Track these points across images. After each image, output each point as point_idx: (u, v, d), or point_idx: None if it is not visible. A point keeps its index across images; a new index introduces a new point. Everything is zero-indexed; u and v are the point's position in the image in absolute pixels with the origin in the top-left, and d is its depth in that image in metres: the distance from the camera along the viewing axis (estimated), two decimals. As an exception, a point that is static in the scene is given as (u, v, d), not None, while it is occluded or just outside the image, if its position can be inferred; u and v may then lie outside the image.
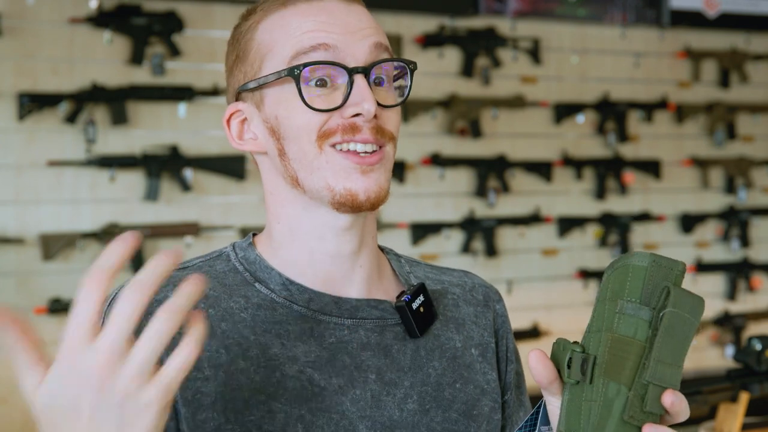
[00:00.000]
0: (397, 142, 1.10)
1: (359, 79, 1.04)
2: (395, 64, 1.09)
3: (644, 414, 0.87)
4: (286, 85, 1.07)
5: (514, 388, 1.23)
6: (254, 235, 1.18)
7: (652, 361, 0.87)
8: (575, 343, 0.91)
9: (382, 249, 1.22)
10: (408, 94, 1.10)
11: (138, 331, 0.82)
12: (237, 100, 1.13)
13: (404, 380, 1.10)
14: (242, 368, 1.04)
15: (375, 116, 1.05)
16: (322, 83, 1.05)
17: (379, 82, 1.08)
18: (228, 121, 1.15)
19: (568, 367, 0.89)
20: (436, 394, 1.12)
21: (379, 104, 1.06)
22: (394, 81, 1.11)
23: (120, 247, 0.81)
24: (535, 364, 0.91)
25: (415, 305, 1.12)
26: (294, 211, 1.11)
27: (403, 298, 1.11)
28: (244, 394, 1.03)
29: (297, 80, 1.05)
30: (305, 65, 1.04)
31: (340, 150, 1.05)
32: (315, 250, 1.11)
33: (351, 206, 1.06)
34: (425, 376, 1.12)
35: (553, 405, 0.94)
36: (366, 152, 1.05)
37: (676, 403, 0.87)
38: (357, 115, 1.05)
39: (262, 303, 1.09)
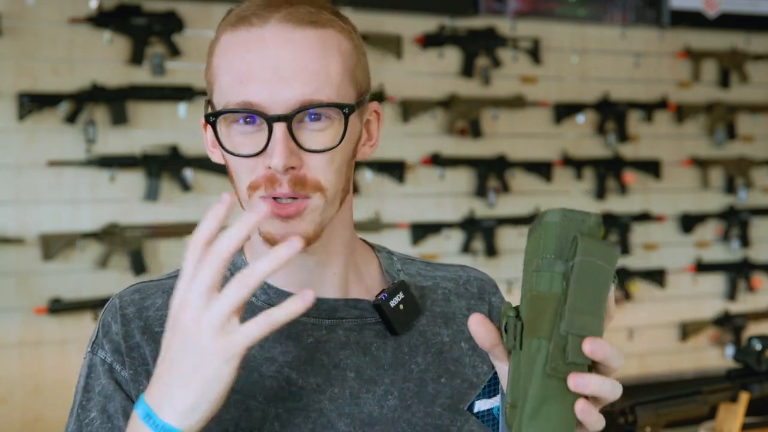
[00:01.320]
0: (333, 188, 1.06)
1: (277, 129, 1.02)
2: (330, 109, 1.04)
3: (567, 365, 0.85)
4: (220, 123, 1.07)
5: None
6: None
7: (567, 312, 0.85)
8: (515, 308, 0.90)
9: (373, 247, 1.22)
10: (341, 140, 1.04)
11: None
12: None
13: (384, 377, 1.11)
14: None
15: (293, 167, 1.03)
16: (249, 121, 1.05)
17: (315, 119, 1.04)
18: (205, 125, 1.15)
19: (505, 331, 0.89)
20: (418, 389, 1.12)
21: (305, 149, 1.03)
22: (336, 120, 1.06)
23: (217, 214, 0.95)
24: (475, 327, 0.91)
25: (393, 303, 1.13)
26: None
27: (380, 297, 1.12)
28: None
29: (214, 129, 1.07)
30: (219, 114, 1.06)
31: (264, 197, 1.05)
32: None
33: (273, 247, 1.06)
34: (407, 372, 1.13)
35: (501, 371, 0.95)
36: (287, 200, 1.04)
37: (596, 351, 0.85)
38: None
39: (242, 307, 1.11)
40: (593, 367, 0.88)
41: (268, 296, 1.12)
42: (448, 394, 1.14)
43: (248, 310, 1.10)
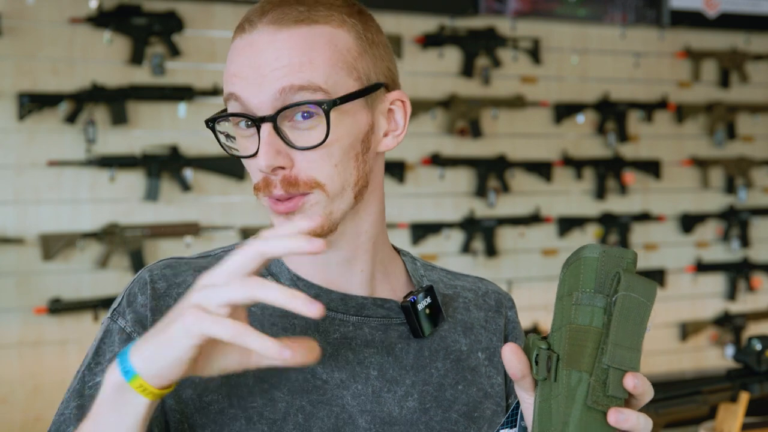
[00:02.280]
0: (335, 182, 1.06)
1: (263, 129, 1.03)
2: (308, 106, 1.03)
3: (607, 398, 0.87)
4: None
5: None
6: None
7: (609, 345, 0.87)
8: (543, 338, 0.91)
9: (398, 250, 1.23)
10: (326, 135, 1.03)
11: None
12: None
13: (406, 378, 1.12)
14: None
15: (282, 167, 1.04)
16: (245, 125, 1.07)
17: (307, 117, 1.04)
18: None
19: (536, 363, 0.90)
20: (437, 394, 1.14)
21: (294, 147, 1.03)
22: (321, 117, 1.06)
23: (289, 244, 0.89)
24: (509, 356, 0.91)
25: (420, 306, 1.14)
26: None
27: (409, 299, 1.13)
28: (248, 381, 1.06)
29: (214, 131, 1.09)
30: (215, 118, 1.08)
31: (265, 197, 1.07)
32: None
33: None
34: (427, 375, 1.14)
35: (527, 402, 0.95)
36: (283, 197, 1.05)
37: (638, 386, 0.87)
38: None
39: None
40: (627, 400, 0.90)
41: (297, 288, 1.12)
42: (464, 401, 1.16)
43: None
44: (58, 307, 3.35)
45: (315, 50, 1.04)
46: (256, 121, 1.03)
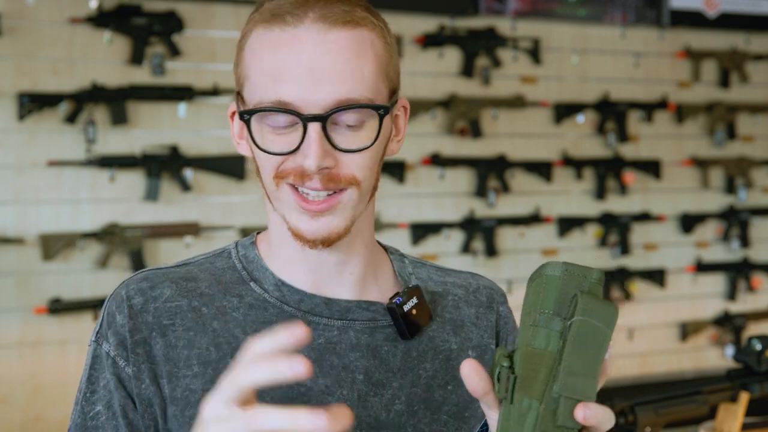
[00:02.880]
0: (367, 183, 1.07)
1: (312, 129, 1.02)
2: (366, 110, 1.04)
3: (557, 429, 0.81)
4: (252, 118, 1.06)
5: None
6: (258, 233, 1.20)
7: (561, 373, 0.82)
8: (509, 356, 0.86)
9: (386, 249, 1.22)
10: (376, 139, 1.05)
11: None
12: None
13: (393, 381, 1.11)
14: (231, 366, 1.05)
15: (327, 167, 1.03)
16: (285, 119, 1.04)
17: (350, 120, 1.04)
18: (232, 116, 1.14)
19: (498, 381, 0.85)
20: (425, 395, 1.12)
21: (340, 149, 1.03)
22: (369, 122, 1.06)
23: (284, 338, 0.78)
24: (467, 373, 0.86)
25: (406, 307, 1.12)
26: (277, 219, 1.12)
27: (394, 300, 1.12)
28: None
29: (248, 125, 1.05)
30: (254, 111, 1.03)
31: (294, 188, 1.05)
32: (301, 254, 1.12)
33: (302, 242, 1.07)
34: (415, 377, 1.12)
35: (491, 419, 0.90)
36: (318, 196, 1.04)
37: (589, 417, 0.81)
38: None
39: (255, 303, 1.11)
40: (583, 429, 0.85)
41: (281, 293, 1.12)
42: (454, 402, 1.14)
43: (261, 306, 1.10)
44: (58, 307, 3.35)
45: (363, 57, 1.04)
46: (305, 120, 1.01)
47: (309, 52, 1.02)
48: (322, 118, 1.01)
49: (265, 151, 1.05)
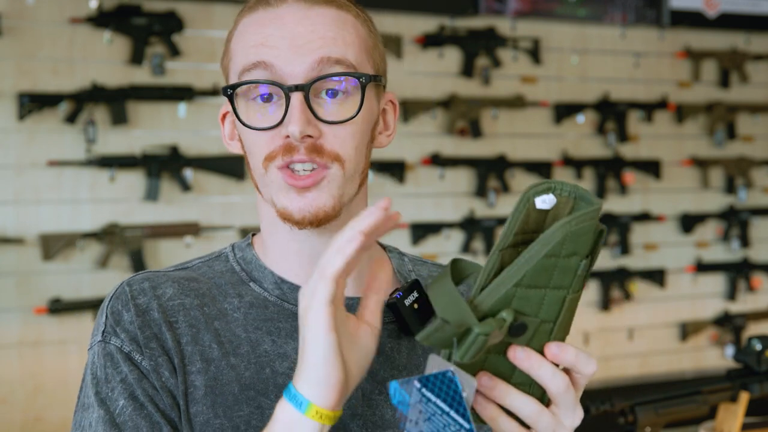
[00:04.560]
0: (352, 163, 1.07)
1: (294, 98, 1.03)
2: (346, 77, 1.05)
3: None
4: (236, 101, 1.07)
5: None
6: (254, 234, 1.19)
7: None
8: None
9: (385, 247, 1.22)
10: (359, 109, 1.06)
11: None
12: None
13: (398, 379, 1.09)
14: (233, 364, 1.05)
15: (310, 136, 1.04)
16: (267, 98, 1.05)
17: (333, 95, 1.05)
18: (223, 118, 1.16)
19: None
20: None
21: (322, 120, 1.04)
22: (354, 94, 1.07)
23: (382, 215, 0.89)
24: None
25: (407, 302, 1.11)
26: (268, 213, 1.12)
27: (394, 295, 1.11)
28: (233, 390, 1.04)
29: (231, 100, 1.06)
30: (236, 86, 1.05)
31: (280, 168, 1.05)
32: (295, 250, 1.12)
33: (291, 222, 1.07)
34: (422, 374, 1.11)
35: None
36: (305, 170, 1.05)
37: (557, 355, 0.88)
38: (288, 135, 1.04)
39: (255, 301, 1.10)
40: (569, 373, 0.90)
41: (281, 291, 1.11)
42: None
43: (261, 305, 1.10)
44: (58, 307, 3.35)
45: (345, 30, 1.07)
46: (287, 90, 1.03)
47: (291, 24, 1.05)
48: (304, 87, 1.03)
49: (250, 127, 1.06)
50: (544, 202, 0.86)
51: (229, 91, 1.06)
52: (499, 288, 0.85)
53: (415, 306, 1.12)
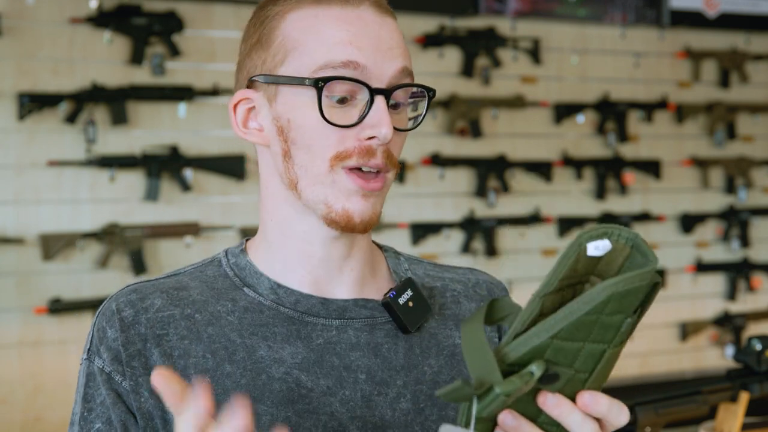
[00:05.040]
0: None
1: (379, 101, 1.03)
2: (414, 90, 1.09)
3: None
4: (305, 91, 1.04)
5: None
6: (248, 239, 1.18)
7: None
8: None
9: (380, 247, 1.21)
10: (421, 120, 1.09)
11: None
12: (248, 86, 1.10)
13: (397, 379, 1.09)
14: (228, 372, 1.04)
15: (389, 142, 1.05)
16: (342, 99, 1.04)
17: (395, 105, 1.07)
18: (235, 106, 1.12)
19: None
20: (431, 392, 1.10)
21: (396, 127, 1.06)
22: (409, 106, 1.10)
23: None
24: None
25: (402, 300, 1.11)
26: (286, 210, 1.10)
27: (388, 294, 1.10)
28: (229, 398, 1.02)
29: (320, 93, 1.03)
30: (331, 79, 1.02)
31: (350, 170, 1.04)
32: (305, 252, 1.10)
33: (344, 226, 1.06)
34: (420, 374, 1.10)
35: None
36: (371, 172, 1.05)
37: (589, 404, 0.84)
38: (372, 137, 1.04)
39: (249, 306, 1.09)
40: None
41: (277, 296, 1.10)
42: None
43: (257, 309, 1.09)
44: (58, 307, 3.35)
45: (405, 44, 1.10)
46: (375, 92, 1.03)
47: (374, 28, 1.05)
48: (387, 92, 1.04)
49: (333, 124, 1.03)
50: (597, 248, 0.81)
51: (321, 84, 1.03)
52: (532, 339, 0.80)
53: (410, 304, 1.11)
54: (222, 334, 1.06)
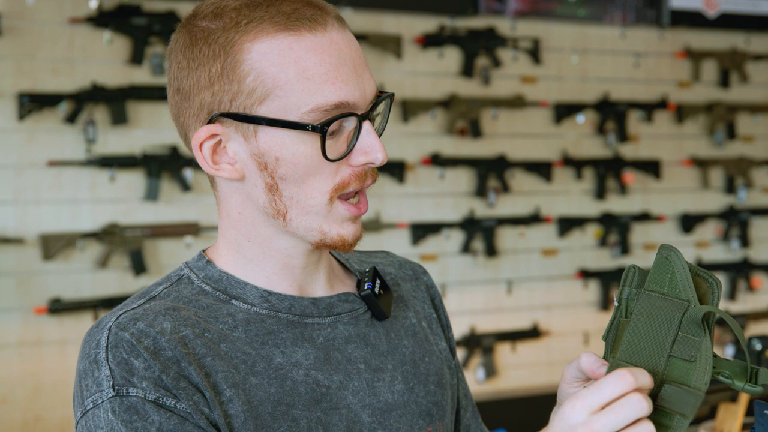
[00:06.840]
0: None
1: (367, 126, 1.04)
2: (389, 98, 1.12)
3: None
4: (297, 132, 1.02)
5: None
6: (204, 251, 1.17)
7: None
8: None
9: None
10: (385, 125, 1.11)
11: None
12: (211, 120, 1.05)
13: (387, 363, 1.14)
14: (256, 384, 1.04)
15: None
16: (332, 132, 1.04)
17: (377, 113, 1.10)
18: (200, 146, 1.06)
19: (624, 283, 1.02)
20: (414, 371, 1.16)
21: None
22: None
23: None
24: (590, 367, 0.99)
25: (376, 290, 1.16)
26: (267, 231, 1.10)
27: (366, 287, 1.15)
28: (267, 409, 1.03)
29: (323, 137, 1.02)
30: (332, 122, 1.02)
31: (345, 200, 1.06)
32: (287, 264, 1.12)
33: (336, 248, 1.09)
34: (401, 355, 1.16)
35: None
36: (355, 199, 1.08)
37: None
38: (367, 163, 1.06)
39: (249, 318, 1.09)
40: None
41: (270, 303, 1.11)
42: (434, 371, 1.19)
43: (257, 320, 1.10)
44: (58, 307, 3.35)
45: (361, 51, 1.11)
46: (362, 119, 1.04)
47: (346, 51, 1.04)
48: (370, 114, 1.06)
49: (333, 160, 1.03)
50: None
51: (325, 129, 1.01)
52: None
53: (381, 292, 1.17)
54: (236, 348, 1.06)
